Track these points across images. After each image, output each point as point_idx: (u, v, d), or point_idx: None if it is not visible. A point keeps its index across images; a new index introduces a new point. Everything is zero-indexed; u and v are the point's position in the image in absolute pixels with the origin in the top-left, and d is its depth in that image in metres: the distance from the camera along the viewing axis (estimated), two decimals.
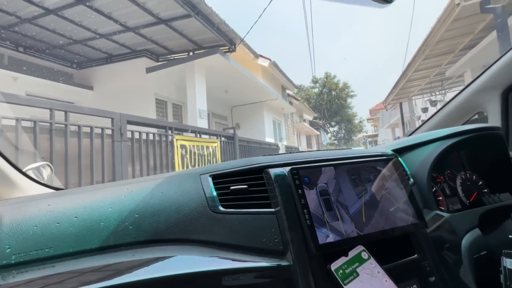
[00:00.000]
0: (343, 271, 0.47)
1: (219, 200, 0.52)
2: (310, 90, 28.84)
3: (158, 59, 6.65)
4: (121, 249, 0.45)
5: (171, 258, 0.45)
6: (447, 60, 7.26)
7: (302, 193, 0.50)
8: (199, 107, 5.73)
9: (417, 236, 0.57)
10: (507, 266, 0.55)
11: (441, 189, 0.74)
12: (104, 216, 0.47)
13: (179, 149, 3.70)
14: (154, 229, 0.47)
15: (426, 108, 9.96)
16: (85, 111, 2.56)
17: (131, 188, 0.54)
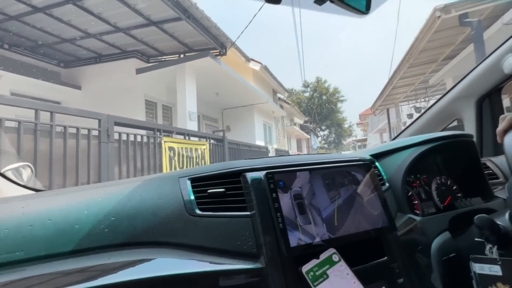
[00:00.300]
0: (314, 273, 0.48)
1: (197, 203, 0.53)
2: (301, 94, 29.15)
3: (148, 60, 6.62)
4: (96, 252, 0.45)
5: (147, 261, 0.45)
6: (430, 69, 7.55)
7: (276, 197, 0.52)
8: (189, 109, 5.74)
9: (387, 239, 0.59)
10: (477, 271, 0.57)
11: (416, 193, 0.76)
12: (79, 218, 0.46)
13: (167, 151, 3.71)
14: (130, 232, 0.47)
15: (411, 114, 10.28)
16: (71, 112, 2.54)
17: (108, 191, 0.54)
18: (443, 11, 4.23)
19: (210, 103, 8.83)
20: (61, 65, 6.68)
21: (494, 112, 1.14)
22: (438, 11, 4.26)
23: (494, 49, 1.05)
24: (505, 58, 0.98)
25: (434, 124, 1.28)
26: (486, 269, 0.56)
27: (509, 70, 0.97)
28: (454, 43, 5.87)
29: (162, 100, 6.97)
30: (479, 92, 1.12)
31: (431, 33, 4.92)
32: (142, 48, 6.09)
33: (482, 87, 1.10)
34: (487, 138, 1.15)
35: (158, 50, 6.25)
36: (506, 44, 1.00)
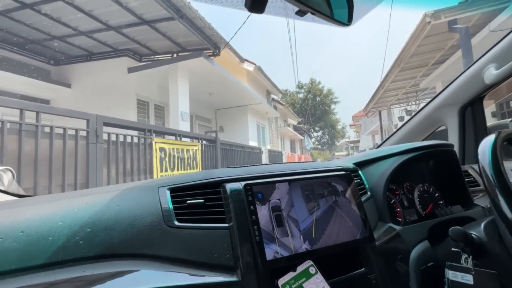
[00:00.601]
0: (290, 286, 0.48)
1: (176, 214, 0.52)
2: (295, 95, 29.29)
3: (141, 59, 6.55)
4: (70, 265, 0.43)
5: (123, 274, 0.44)
6: (421, 73, 7.69)
7: (254, 209, 0.51)
8: (182, 109, 5.70)
9: (365, 249, 0.59)
10: (450, 277, 0.58)
11: (399, 201, 0.77)
12: (53, 230, 0.45)
13: (158, 152, 3.67)
14: (106, 244, 0.46)
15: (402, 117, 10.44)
16: (58, 112, 2.49)
17: (86, 201, 0.52)
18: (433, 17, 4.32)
19: (203, 103, 8.79)
20: (51, 62, 6.55)
21: (476, 120, 1.17)
22: (428, 16, 4.34)
23: (476, 60, 1.06)
24: (486, 68, 1.00)
25: (419, 130, 1.30)
26: (459, 277, 0.58)
27: (490, 80, 0.99)
28: (444, 48, 5.99)
29: (154, 100, 6.91)
30: (462, 101, 1.14)
31: (421, 38, 5.02)
32: (134, 47, 6.02)
33: (464, 96, 1.13)
34: (469, 145, 1.17)
35: (151, 49, 6.19)
36: (487, 55, 1.02)
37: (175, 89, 5.73)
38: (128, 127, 3.27)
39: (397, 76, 7.56)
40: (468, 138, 1.17)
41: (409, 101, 10.41)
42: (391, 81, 7.93)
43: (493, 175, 0.50)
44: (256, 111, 10.58)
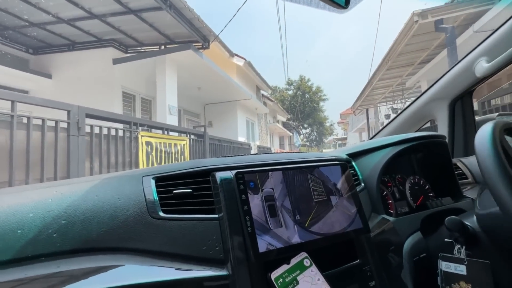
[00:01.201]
0: (283, 280, 0.46)
1: (161, 204, 0.49)
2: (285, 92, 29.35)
3: (126, 50, 6.32)
4: (41, 260, 0.40)
5: (102, 269, 0.41)
6: (407, 72, 7.86)
7: (245, 199, 0.49)
8: (169, 103, 5.56)
9: (360, 241, 0.58)
10: (443, 268, 0.58)
11: (391, 193, 0.77)
12: (23, 222, 0.41)
13: (144, 146, 3.57)
14: (84, 237, 0.43)
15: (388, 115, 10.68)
16: (36, 102, 2.35)
17: (61, 191, 0.48)
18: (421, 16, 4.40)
19: (192, 97, 8.64)
20: (30, 51, 6.21)
21: (466, 114, 1.18)
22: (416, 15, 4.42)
23: (467, 53, 1.06)
24: (477, 62, 1.00)
25: (409, 124, 1.31)
26: (452, 267, 0.58)
27: (481, 73, 0.99)
28: (430, 47, 6.14)
29: (141, 93, 6.71)
30: (452, 95, 1.15)
31: (408, 37, 5.11)
32: (120, 37, 5.80)
33: (455, 89, 1.13)
34: (458, 139, 1.18)
35: (137, 40, 5.98)
36: (478, 49, 1.01)
37: (163, 82, 5.58)
38: (113, 120, 3.14)
39: (384, 75, 7.70)
40: (457, 132, 1.18)
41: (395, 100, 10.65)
42: (379, 79, 8.06)
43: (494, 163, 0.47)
44: (246, 106, 10.52)
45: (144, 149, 3.57)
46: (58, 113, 2.53)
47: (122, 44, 6.13)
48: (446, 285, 0.58)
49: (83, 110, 2.67)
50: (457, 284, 0.56)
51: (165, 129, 4.11)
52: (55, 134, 2.44)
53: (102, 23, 5.13)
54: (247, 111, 10.84)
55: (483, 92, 1.27)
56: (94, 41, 5.91)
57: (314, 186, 0.56)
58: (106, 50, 5.94)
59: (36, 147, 2.29)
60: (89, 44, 5.99)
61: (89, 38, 5.80)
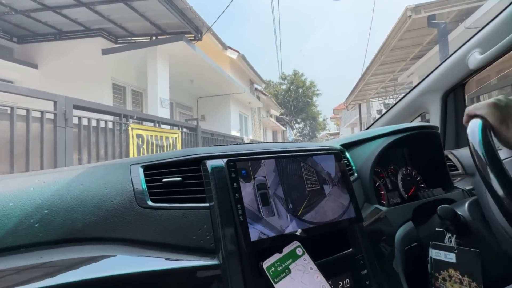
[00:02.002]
0: (275, 269, 0.45)
1: (149, 193, 0.48)
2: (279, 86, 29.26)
3: (116, 40, 6.14)
4: (22, 251, 0.38)
5: (88, 260, 0.40)
6: (399, 68, 7.93)
7: (237, 187, 0.47)
8: (161, 96, 5.46)
9: (353, 230, 0.58)
10: (433, 256, 0.59)
11: (383, 184, 0.78)
12: (2, 212, 0.40)
13: (134, 138, 3.50)
14: (68, 227, 0.41)
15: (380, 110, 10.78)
16: (21, 92, 2.26)
17: (43, 179, 0.47)
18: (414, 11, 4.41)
19: (185, 90, 8.51)
20: (14, 39, 5.97)
21: (458, 106, 1.18)
22: (410, 10, 4.43)
23: (460, 45, 1.06)
24: (470, 54, 1.00)
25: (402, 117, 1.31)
26: (442, 255, 0.59)
27: (474, 65, 0.99)
28: (422, 43, 6.19)
29: (132, 85, 6.56)
30: (445, 87, 1.15)
31: (402, 32, 5.13)
32: (109, 26, 5.62)
33: (448, 82, 1.13)
34: (450, 132, 1.19)
35: (128, 31, 5.82)
36: (472, 41, 1.01)
37: (154, 74, 5.46)
38: (102, 111, 3.06)
39: (377, 70, 7.74)
40: (449, 124, 1.19)
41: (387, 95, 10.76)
42: (372, 74, 8.11)
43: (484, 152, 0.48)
44: (239, 100, 10.44)
45: (134, 141, 3.51)
46: (44, 104, 2.44)
47: (112, 34, 5.95)
48: (435, 272, 0.59)
49: (71, 101, 2.58)
50: (446, 271, 0.58)
51: (157, 121, 4.04)
52: (40, 125, 2.36)
53: (90, 11, 4.96)
54: (240, 105, 10.76)
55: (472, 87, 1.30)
56: (82, 30, 5.71)
57: (307, 175, 0.55)
58: (94, 40, 5.76)
59: (21, 138, 2.21)
60: (77, 33, 5.78)
61: (76, 27, 5.60)
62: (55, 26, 5.61)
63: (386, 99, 10.67)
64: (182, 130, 4.74)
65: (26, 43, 6.05)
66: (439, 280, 0.58)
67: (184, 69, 6.70)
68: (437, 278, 0.59)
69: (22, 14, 4.99)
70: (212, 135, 6.03)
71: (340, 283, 0.52)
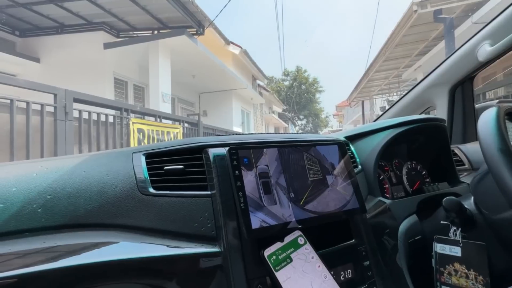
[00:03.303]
0: (277, 257, 0.45)
1: (151, 181, 0.48)
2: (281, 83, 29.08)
3: (118, 35, 6.11)
4: (26, 235, 0.38)
5: (89, 246, 0.40)
6: (404, 64, 7.82)
7: (239, 175, 0.47)
8: (162, 91, 5.44)
9: (356, 221, 0.57)
10: (437, 250, 0.58)
11: (388, 177, 0.76)
12: (6, 196, 0.40)
13: (135, 133, 3.49)
14: (70, 213, 0.42)
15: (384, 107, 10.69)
16: (20, 84, 2.25)
17: (46, 165, 0.47)
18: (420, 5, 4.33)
19: (186, 86, 8.48)
20: (16, 33, 5.96)
21: (466, 100, 1.16)
22: (415, 5, 4.34)
23: (469, 38, 1.03)
24: (480, 45, 0.98)
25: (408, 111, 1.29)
26: (447, 249, 0.58)
27: (483, 57, 0.97)
28: (427, 39, 6.08)
29: (133, 80, 6.54)
30: (452, 80, 1.13)
31: (407, 27, 5.04)
32: (111, 20, 5.59)
33: (456, 75, 1.11)
34: (457, 126, 1.17)
35: (129, 24, 5.78)
36: (482, 32, 0.99)
37: (156, 68, 5.43)
38: (103, 105, 3.05)
39: (381, 66, 7.65)
40: (456, 119, 1.16)
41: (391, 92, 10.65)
42: (375, 71, 8.02)
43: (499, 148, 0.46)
44: (241, 96, 10.39)
45: (135, 136, 3.50)
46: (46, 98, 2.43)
47: (114, 28, 5.92)
48: (440, 267, 0.58)
49: (71, 94, 2.57)
50: (451, 266, 0.56)
51: (158, 116, 4.03)
52: (41, 118, 2.35)
53: (92, 5, 4.92)
54: (242, 100, 10.72)
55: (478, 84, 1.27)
56: (84, 24, 5.68)
57: (310, 164, 0.55)
58: (96, 33, 5.73)
59: (21, 131, 2.20)
60: (79, 27, 5.76)
61: (78, 20, 5.57)
62: (57, 20, 5.59)
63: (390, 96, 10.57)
64: (183, 125, 4.72)
65: (28, 36, 6.03)
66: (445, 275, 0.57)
67: (186, 64, 6.66)
68: (442, 272, 0.57)
69: (24, 7, 4.97)
70: (214, 131, 6.01)
71: (342, 273, 0.51)
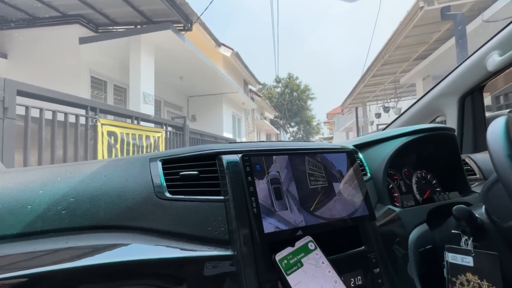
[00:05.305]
0: (288, 261, 0.46)
1: (167, 186, 0.50)
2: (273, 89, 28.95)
3: (97, 29, 5.55)
4: (50, 235, 0.40)
5: (109, 246, 0.42)
6: (401, 69, 7.59)
7: (251, 181, 0.49)
8: (144, 90, 4.88)
9: (366, 228, 0.58)
10: (449, 260, 0.59)
11: (397, 186, 0.77)
12: (33, 198, 0.42)
13: (105, 136, 2.91)
14: (91, 215, 0.43)
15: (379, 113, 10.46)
16: None
17: (70, 170, 0.50)
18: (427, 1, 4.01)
19: (174, 88, 7.95)
20: None
21: (475, 110, 1.15)
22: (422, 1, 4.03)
23: (479, 47, 1.03)
24: (489, 55, 0.99)
25: (417, 120, 1.28)
26: (459, 259, 0.57)
27: (492, 67, 0.97)
28: (428, 42, 5.84)
29: (114, 79, 5.95)
30: (462, 90, 1.12)
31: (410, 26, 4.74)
32: (88, 12, 5.03)
33: (465, 84, 1.11)
34: (467, 135, 1.16)
35: (109, 18, 5.24)
36: (491, 42, 1.00)
37: (137, 66, 4.89)
38: (61, 101, 2.47)
39: (378, 70, 7.38)
40: (467, 128, 1.16)
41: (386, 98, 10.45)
42: (372, 75, 7.74)
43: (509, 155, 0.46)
44: (232, 100, 9.93)
45: (105, 140, 2.92)
46: None
47: (91, 21, 5.36)
48: (452, 277, 0.58)
49: (13, 84, 2.00)
50: (463, 276, 0.56)
51: (135, 117, 3.46)
52: None
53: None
54: (233, 105, 10.26)
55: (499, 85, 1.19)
56: (57, 16, 5.11)
57: (320, 172, 0.56)
58: (71, 27, 5.16)
59: None
60: (52, 19, 5.17)
61: (51, 12, 5.00)
62: (26, 11, 4.99)
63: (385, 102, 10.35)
64: (166, 129, 4.17)
65: None
66: (457, 285, 0.57)
67: (173, 63, 6.15)
68: (454, 282, 0.57)
69: None
70: (202, 136, 5.47)
71: (352, 280, 0.52)
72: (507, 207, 0.52)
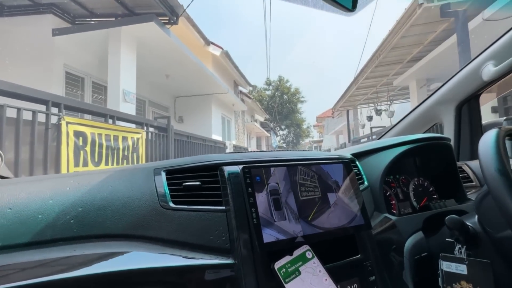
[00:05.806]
0: (286, 270, 0.47)
1: (171, 196, 0.51)
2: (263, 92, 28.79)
3: (74, 21, 5.09)
4: (59, 244, 0.42)
5: (115, 254, 0.43)
6: (394, 71, 7.48)
7: (251, 192, 0.50)
8: (124, 88, 4.47)
9: (362, 237, 0.58)
10: (444, 268, 0.59)
11: (394, 193, 0.78)
12: (43, 208, 0.44)
13: (71, 137, 2.50)
14: (98, 224, 0.45)
15: (371, 116, 10.36)
16: None
17: (78, 180, 0.51)
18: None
19: (159, 87, 7.53)
20: None
21: (472, 117, 1.16)
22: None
23: (474, 57, 1.05)
24: (484, 65, 1.00)
25: (415, 127, 1.29)
26: (453, 267, 0.58)
27: (488, 77, 0.98)
28: (423, 43, 5.72)
29: (92, 76, 5.48)
30: (458, 98, 1.14)
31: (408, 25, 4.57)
32: (63, 2, 4.58)
33: (462, 93, 1.13)
34: (464, 143, 1.17)
35: (87, 9, 4.80)
36: (486, 52, 1.01)
37: (116, 60, 4.47)
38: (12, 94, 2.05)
39: (372, 72, 7.24)
40: (463, 135, 1.17)
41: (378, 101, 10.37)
42: (366, 77, 7.59)
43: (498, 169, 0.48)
44: (222, 102, 9.58)
45: (71, 142, 2.50)
46: None
47: (66, 12, 4.90)
48: (447, 285, 0.58)
49: None
50: (458, 284, 0.57)
51: (110, 116, 3.06)
52: None
53: None
54: (223, 107, 9.90)
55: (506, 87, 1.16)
56: (27, 5, 4.63)
57: (317, 182, 0.57)
58: (44, 17, 4.69)
59: None
60: (22, 8, 4.68)
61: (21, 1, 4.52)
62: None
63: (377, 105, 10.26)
64: (147, 130, 3.77)
65: None
66: None
67: (158, 59, 5.75)
68: None
69: None
70: (188, 138, 5.09)
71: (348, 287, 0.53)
72: (498, 218, 0.54)
